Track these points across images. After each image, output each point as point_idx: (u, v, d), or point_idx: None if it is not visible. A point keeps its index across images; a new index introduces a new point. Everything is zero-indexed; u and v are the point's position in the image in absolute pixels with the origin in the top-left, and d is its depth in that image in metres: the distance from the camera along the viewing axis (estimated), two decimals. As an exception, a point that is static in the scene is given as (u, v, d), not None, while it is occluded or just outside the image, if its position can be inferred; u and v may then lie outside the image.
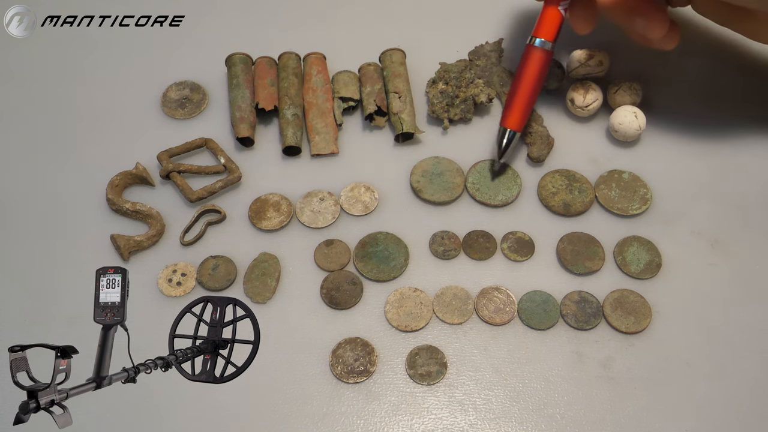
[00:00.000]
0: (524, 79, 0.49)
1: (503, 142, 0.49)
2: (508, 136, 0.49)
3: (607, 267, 0.48)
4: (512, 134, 0.49)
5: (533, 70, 0.49)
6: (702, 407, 0.42)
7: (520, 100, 0.49)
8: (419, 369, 0.43)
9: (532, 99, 0.49)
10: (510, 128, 0.49)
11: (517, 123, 0.49)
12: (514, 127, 0.49)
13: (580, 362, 0.44)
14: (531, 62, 0.49)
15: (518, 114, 0.49)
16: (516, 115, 0.49)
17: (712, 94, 0.55)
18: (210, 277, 0.47)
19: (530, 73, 0.49)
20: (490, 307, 0.46)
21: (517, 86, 0.49)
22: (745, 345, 0.45)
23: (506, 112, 0.49)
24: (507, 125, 0.49)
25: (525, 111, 0.49)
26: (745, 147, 0.53)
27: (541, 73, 0.49)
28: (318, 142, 0.52)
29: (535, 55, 0.49)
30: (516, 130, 0.49)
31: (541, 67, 0.49)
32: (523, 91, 0.49)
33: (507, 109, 0.49)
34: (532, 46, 0.49)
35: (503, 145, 0.49)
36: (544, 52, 0.49)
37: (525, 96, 0.49)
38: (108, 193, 0.49)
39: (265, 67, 0.54)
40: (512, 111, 0.49)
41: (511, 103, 0.49)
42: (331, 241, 0.48)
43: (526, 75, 0.49)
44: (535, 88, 0.49)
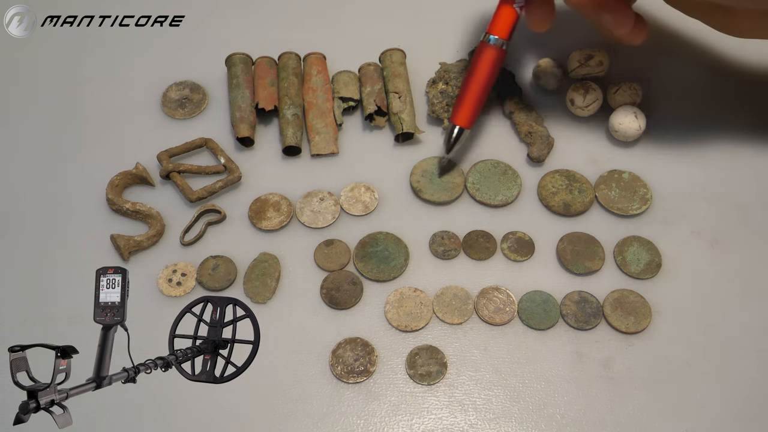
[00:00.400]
0: (476, 76, 0.49)
1: (451, 138, 0.49)
2: (456, 133, 0.49)
3: (607, 267, 0.48)
4: (460, 131, 0.49)
5: (485, 67, 0.49)
6: (702, 407, 0.42)
7: (471, 97, 0.49)
8: (419, 369, 0.43)
9: (483, 96, 0.49)
10: (459, 125, 0.49)
11: (466, 120, 0.49)
12: (463, 123, 0.49)
13: (580, 362, 0.44)
14: (483, 59, 0.49)
15: (468, 111, 0.49)
16: (465, 111, 0.49)
17: (712, 94, 0.55)
18: (210, 277, 0.47)
19: (482, 70, 0.49)
20: (490, 307, 0.46)
21: (469, 83, 0.49)
22: (744, 345, 0.45)
23: (456, 108, 0.49)
24: (456, 122, 0.49)
25: (475, 108, 0.49)
26: (745, 147, 0.53)
27: (494, 71, 0.49)
28: (318, 142, 0.52)
29: (488, 53, 0.49)
30: (465, 126, 0.49)
31: (494, 64, 0.49)
32: (475, 88, 0.49)
33: (457, 106, 0.49)
34: (486, 43, 0.49)
35: (451, 140, 0.49)
36: (497, 50, 0.49)
37: (476, 93, 0.49)
38: (108, 193, 0.49)
39: (265, 67, 0.54)
40: (462, 108, 0.49)
41: (462, 100, 0.49)
42: (331, 241, 0.48)
43: (477, 72, 0.49)
44: (486, 85, 0.49)
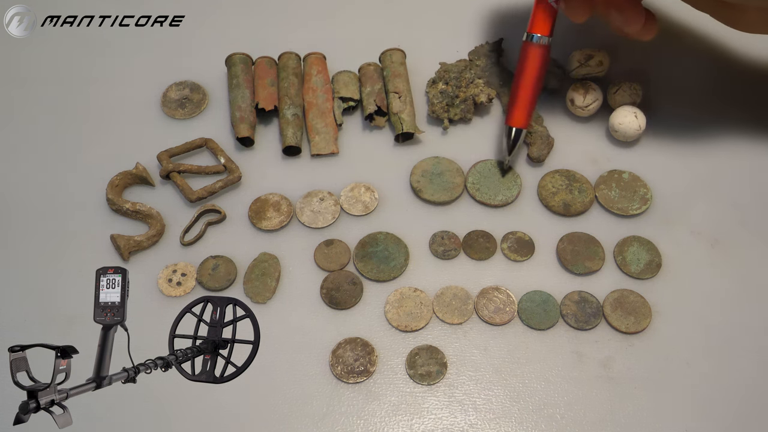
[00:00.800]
0: (525, 77, 0.49)
1: (510, 140, 0.50)
2: (515, 134, 0.49)
3: (607, 267, 0.48)
4: (519, 132, 0.49)
5: (533, 66, 0.49)
6: (702, 407, 0.42)
7: (524, 97, 0.49)
8: (419, 369, 0.43)
9: (534, 95, 0.50)
10: (515, 126, 0.49)
11: (522, 120, 0.49)
12: (520, 124, 0.49)
13: (580, 362, 0.44)
14: (530, 59, 0.49)
15: (523, 111, 0.49)
16: (521, 112, 0.49)
17: (712, 94, 0.55)
18: (210, 277, 0.47)
19: (530, 69, 0.49)
20: (490, 307, 0.46)
21: (519, 84, 0.49)
22: (744, 345, 0.45)
23: (511, 110, 0.50)
24: (513, 124, 0.49)
25: (529, 108, 0.50)
26: (745, 147, 0.53)
27: (542, 69, 0.49)
28: (318, 142, 0.52)
29: (533, 52, 0.49)
30: (522, 127, 0.50)
31: (541, 62, 0.49)
32: (526, 88, 0.49)
33: (511, 108, 0.50)
34: (529, 42, 0.49)
35: (511, 143, 0.50)
36: (542, 48, 0.49)
37: (528, 93, 0.49)
38: (108, 193, 0.49)
39: (265, 67, 0.54)
40: (516, 109, 0.49)
41: (515, 102, 0.49)
42: (331, 241, 0.48)
43: (526, 72, 0.49)
44: (536, 84, 0.49)
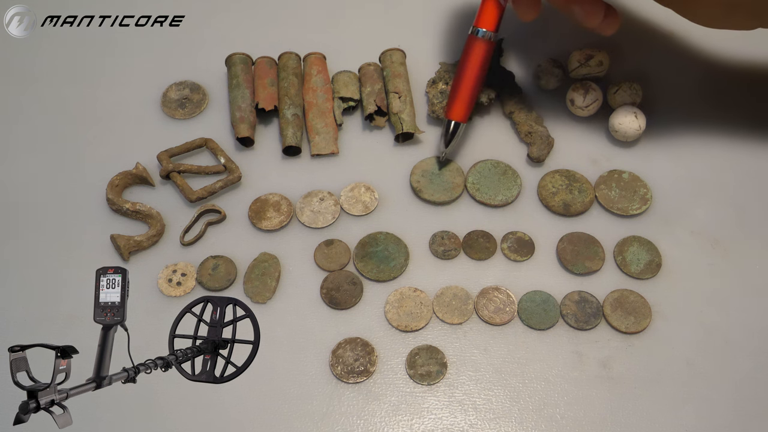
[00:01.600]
0: (467, 71, 0.49)
1: (448, 133, 0.50)
2: (453, 128, 0.50)
3: (607, 267, 0.48)
4: (456, 125, 0.50)
5: (476, 61, 0.49)
6: (702, 407, 0.42)
7: (464, 91, 0.49)
8: (419, 369, 0.43)
9: (475, 90, 0.50)
10: (454, 119, 0.50)
11: (461, 114, 0.50)
12: (458, 117, 0.50)
13: (580, 362, 0.44)
14: (473, 53, 0.49)
15: (462, 105, 0.50)
16: (460, 106, 0.50)
17: (712, 94, 0.55)
18: (210, 277, 0.47)
19: (473, 64, 0.49)
20: (490, 307, 0.46)
21: (461, 78, 0.49)
22: (744, 345, 0.45)
23: (451, 103, 0.50)
24: (451, 117, 0.50)
25: (469, 102, 0.50)
26: (745, 147, 0.53)
27: (484, 64, 0.49)
28: (318, 142, 0.52)
29: (477, 46, 0.49)
30: (460, 121, 0.50)
31: (484, 57, 0.49)
32: (467, 83, 0.49)
33: (451, 101, 0.50)
34: (474, 36, 0.49)
35: (448, 135, 0.50)
36: (486, 43, 0.49)
37: (468, 87, 0.49)
38: (108, 193, 0.49)
39: (265, 67, 0.54)
40: (456, 102, 0.50)
41: (456, 95, 0.50)
42: (331, 241, 0.48)
43: (469, 66, 0.49)
44: (478, 78, 0.50)
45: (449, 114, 0.50)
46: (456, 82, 0.50)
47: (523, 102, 0.54)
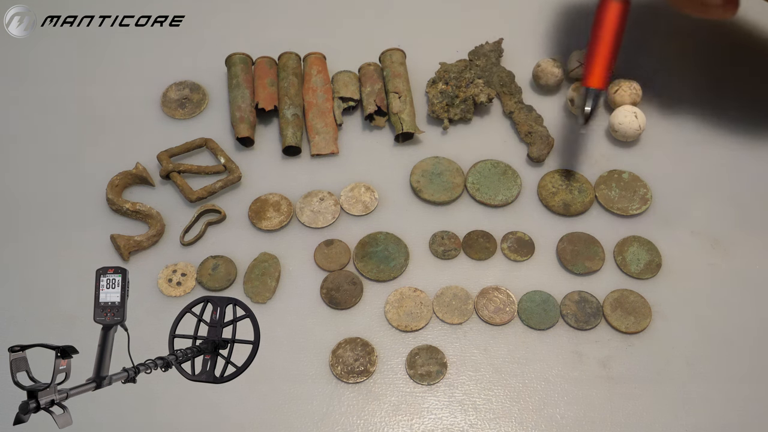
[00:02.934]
0: (603, 33, 0.46)
1: (588, 103, 0.46)
2: (594, 96, 0.46)
3: (607, 267, 0.48)
4: (597, 93, 0.46)
5: (612, 21, 0.46)
6: (702, 407, 0.42)
7: (602, 55, 0.46)
8: (419, 369, 0.43)
9: (614, 54, 0.47)
10: (594, 86, 0.46)
11: (600, 80, 0.46)
12: (598, 84, 0.46)
13: (580, 362, 0.44)
14: (609, 14, 0.46)
15: (601, 70, 0.46)
16: (599, 71, 0.46)
17: (712, 94, 0.55)
18: (210, 277, 0.47)
19: (609, 25, 0.46)
20: (490, 307, 0.46)
21: (597, 42, 0.46)
22: (745, 345, 0.45)
23: (588, 70, 0.47)
24: (591, 84, 0.46)
25: (608, 67, 0.46)
26: (745, 147, 0.53)
27: (621, 26, 0.46)
28: (318, 142, 0.52)
29: (612, 6, 0.46)
30: (601, 87, 0.46)
31: (620, 18, 0.46)
32: (605, 46, 0.46)
33: (588, 67, 0.47)
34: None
35: (590, 106, 0.46)
36: (622, 3, 0.46)
37: (606, 50, 0.46)
38: (108, 193, 0.49)
39: (265, 67, 0.54)
40: (595, 68, 0.46)
41: (593, 60, 0.46)
42: (331, 241, 0.48)
43: (605, 28, 0.46)
44: (616, 41, 0.46)
45: (588, 81, 0.46)
46: (592, 47, 0.46)
47: (523, 102, 0.54)
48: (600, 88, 0.46)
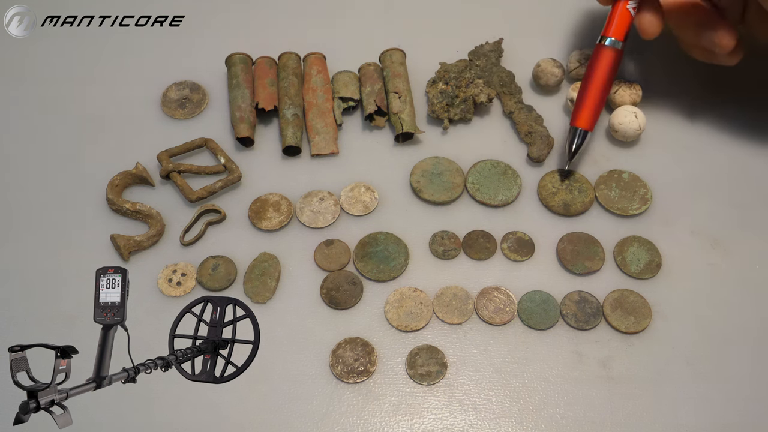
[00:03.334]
0: (595, 78, 0.49)
1: (574, 142, 0.49)
2: (580, 136, 0.49)
3: (607, 267, 0.48)
4: (584, 133, 0.49)
5: (603, 69, 0.49)
6: (702, 407, 0.42)
7: (592, 98, 0.49)
8: (419, 369, 0.43)
9: (602, 97, 0.50)
10: (581, 127, 0.49)
11: (588, 121, 0.49)
12: (585, 125, 0.49)
13: (580, 362, 0.44)
14: (601, 61, 0.49)
15: (589, 112, 0.49)
16: (587, 113, 0.49)
17: (712, 94, 0.55)
18: (210, 277, 0.47)
19: (601, 72, 0.49)
20: (490, 307, 0.46)
21: (588, 85, 0.50)
22: (744, 345, 0.45)
23: (577, 111, 0.50)
24: (578, 124, 0.49)
25: (596, 109, 0.49)
26: (745, 147, 0.53)
27: (612, 72, 0.50)
28: (318, 142, 0.52)
29: (605, 55, 0.49)
30: (588, 129, 0.49)
31: (611, 66, 0.49)
32: (594, 90, 0.49)
33: (578, 109, 0.50)
34: (603, 45, 0.50)
35: (575, 145, 0.49)
36: (615, 51, 0.49)
37: (596, 95, 0.49)
38: (108, 193, 0.49)
39: (265, 67, 0.54)
40: (583, 109, 0.49)
41: (582, 102, 0.49)
42: (331, 241, 0.48)
43: (596, 74, 0.49)
44: (605, 87, 0.49)
45: (576, 122, 0.49)
46: (583, 90, 0.50)
47: (523, 102, 0.54)
48: (587, 129, 0.49)
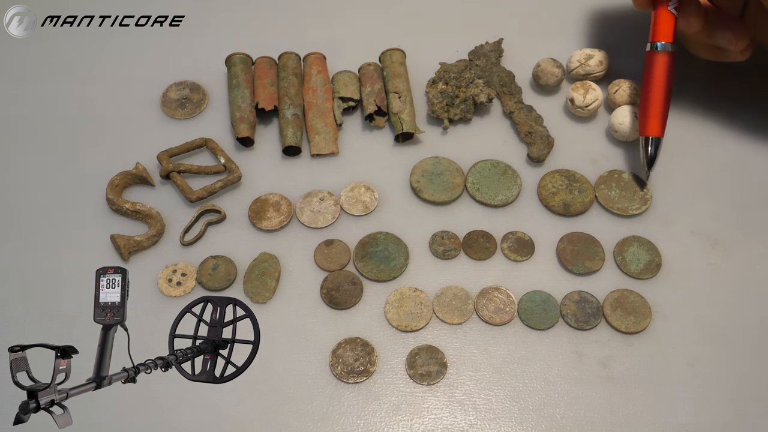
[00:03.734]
0: (655, 85, 0.49)
1: (648, 150, 0.49)
2: (653, 144, 0.49)
3: (607, 267, 0.48)
4: (657, 141, 0.49)
5: (661, 73, 0.49)
6: (702, 407, 0.42)
7: (656, 105, 0.49)
8: (419, 369, 0.43)
9: (667, 102, 0.49)
10: (653, 135, 0.49)
11: (658, 128, 0.49)
12: (656, 133, 0.49)
13: (580, 362, 0.44)
14: (657, 66, 0.49)
15: (657, 119, 0.49)
16: (655, 120, 0.49)
17: (712, 93, 0.55)
18: (210, 277, 0.47)
19: (658, 77, 0.49)
20: (490, 307, 0.46)
21: (649, 93, 0.49)
22: (745, 345, 0.45)
23: (644, 120, 0.49)
24: (649, 133, 0.49)
25: (663, 115, 0.49)
26: (745, 146, 0.53)
27: (669, 75, 0.49)
28: (318, 142, 0.52)
29: (659, 59, 0.49)
30: (659, 135, 0.49)
31: (668, 69, 0.49)
32: (657, 97, 0.49)
33: (645, 118, 0.49)
34: (655, 51, 0.50)
35: (650, 153, 0.49)
36: (668, 54, 0.49)
37: (659, 100, 0.49)
38: (108, 193, 0.49)
39: (265, 67, 0.54)
40: (651, 118, 0.49)
41: (648, 110, 0.49)
42: (331, 241, 0.48)
43: (655, 80, 0.49)
44: (667, 91, 0.49)
45: (646, 131, 0.49)
46: (645, 99, 0.50)
47: (523, 102, 0.54)
48: (658, 136, 0.49)
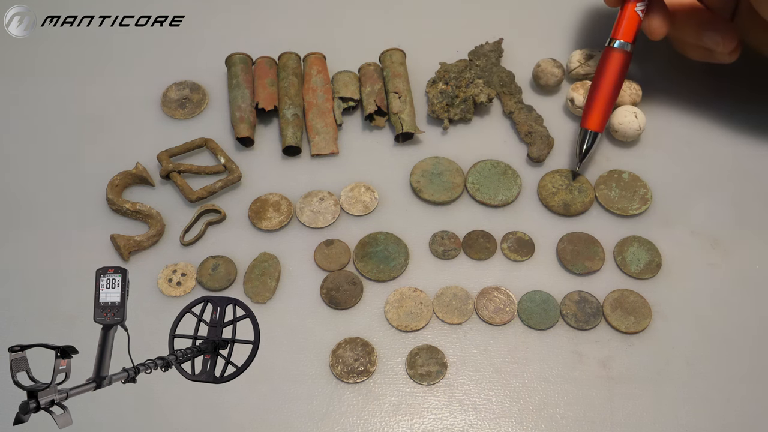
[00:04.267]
0: (604, 80, 0.50)
1: (585, 143, 0.50)
2: (590, 137, 0.50)
3: (607, 267, 0.48)
4: (594, 135, 0.50)
5: (613, 71, 0.50)
6: (702, 407, 0.42)
7: (601, 100, 0.50)
8: (419, 369, 0.43)
9: (612, 100, 0.50)
10: (591, 129, 0.50)
11: (598, 123, 0.50)
12: (595, 127, 0.50)
13: (580, 362, 0.44)
14: (610, 64, 0.50)
15: (599, 114, 0.50)
16: (597, 115, 0.50)
17: (712, 93, 0.55)
18: (210, 277, 0.47)
19: (610, 73, 0.50)
20: (490, 307, 0.46)
21: (597, 87, 0.50)
22: (744, 345, 0.45)
23: (587, 113, 0.50)
24: (588, 126, 0.50)
25: (605, 111, 0.50)
26: (745, 146, 0.53)
27: (621, 74, 0.50)
28: (318, 142, 0.52)
29: (614, 57, 0.50)
30: (597, 130, 0.50)
31: (621, 68, 0.50)
32: (604, 92, 0.50)
33: (588, 111, 0.50)
34: (611, 48, 0.50)
35: (585, 146, 0.50)
36: (624, 53, 0.50)
37: (606, 97, 0.50)
38: (108, 193, 0.49)
39: (265, 67, 0.54)
40: (593, 111, 0.50)
41: (592, 104, 0.50)
42: (331, 241, 0.48)
43: (606, 76, 0.50)
44: (615, 89, 0.50)
45: (586, 123, 0.50)
46: (593, 92, 0.50)
47: (523, 102, 0.54)
48: (597, 131, 0.50)
